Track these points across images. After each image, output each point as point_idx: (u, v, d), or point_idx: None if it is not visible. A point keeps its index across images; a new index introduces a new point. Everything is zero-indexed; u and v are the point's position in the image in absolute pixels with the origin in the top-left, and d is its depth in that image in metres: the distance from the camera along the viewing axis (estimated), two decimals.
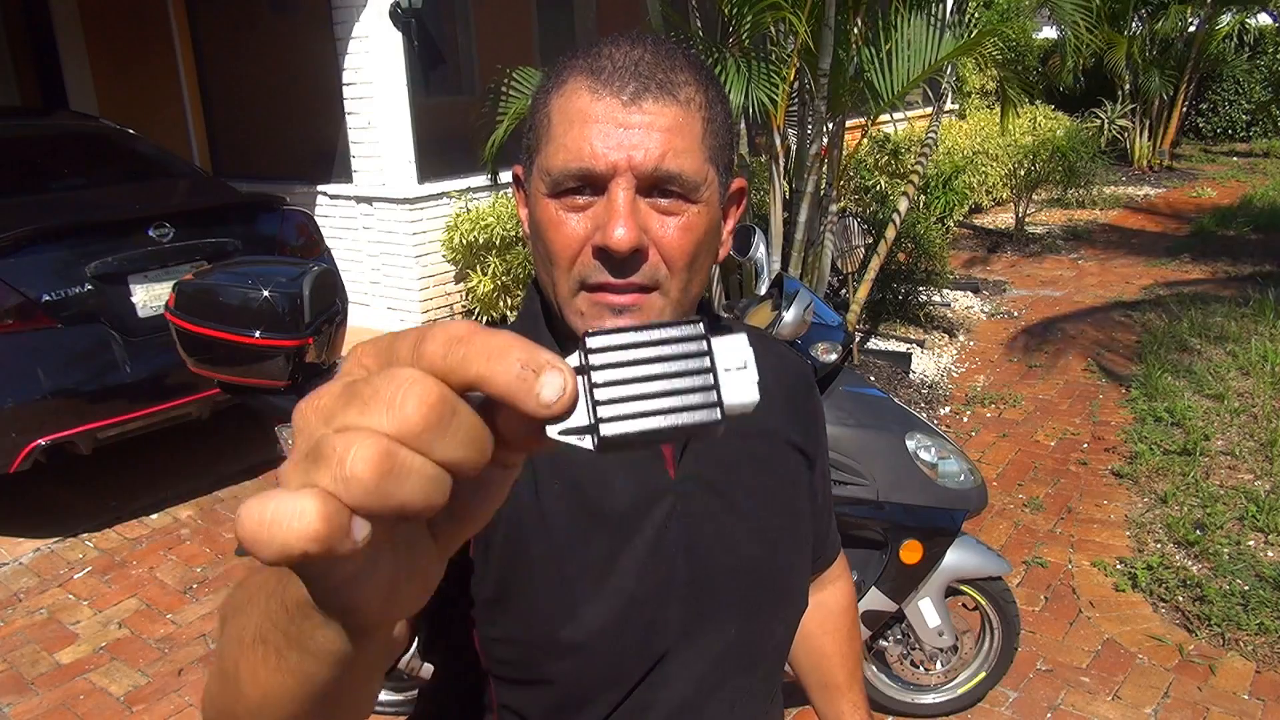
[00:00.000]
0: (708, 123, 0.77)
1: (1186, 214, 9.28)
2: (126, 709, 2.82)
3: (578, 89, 0.75)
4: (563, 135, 0.75)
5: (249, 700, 0.50)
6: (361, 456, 0.31)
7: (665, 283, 0.76)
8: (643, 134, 0.73)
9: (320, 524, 0.31)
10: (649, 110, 0.74)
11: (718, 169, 0.79)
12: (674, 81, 0.75)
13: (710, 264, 0.81)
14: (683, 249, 0.76)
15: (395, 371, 0.33)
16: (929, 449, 2.42)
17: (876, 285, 5.41)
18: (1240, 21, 12.09)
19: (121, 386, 3.74)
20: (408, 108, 5.69)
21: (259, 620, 0.46)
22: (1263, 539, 3.47)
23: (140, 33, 7.05)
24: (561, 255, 0.76)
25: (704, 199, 0.77)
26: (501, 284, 5.68)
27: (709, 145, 0.77)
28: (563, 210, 0.76)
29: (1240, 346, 5.29)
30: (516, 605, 0.80)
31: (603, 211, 0.74)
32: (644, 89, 0.74)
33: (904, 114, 8.47)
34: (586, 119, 0.74)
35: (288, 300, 2.49)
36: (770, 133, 4.63)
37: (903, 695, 2.63)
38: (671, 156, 0.74)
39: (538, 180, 0.77)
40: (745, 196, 0.88)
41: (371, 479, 0.31)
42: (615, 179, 0.74)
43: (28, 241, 3.63)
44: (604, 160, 0.73)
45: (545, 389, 0.33)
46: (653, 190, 0.75)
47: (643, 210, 0.75)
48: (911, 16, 4.31)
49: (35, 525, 3.87)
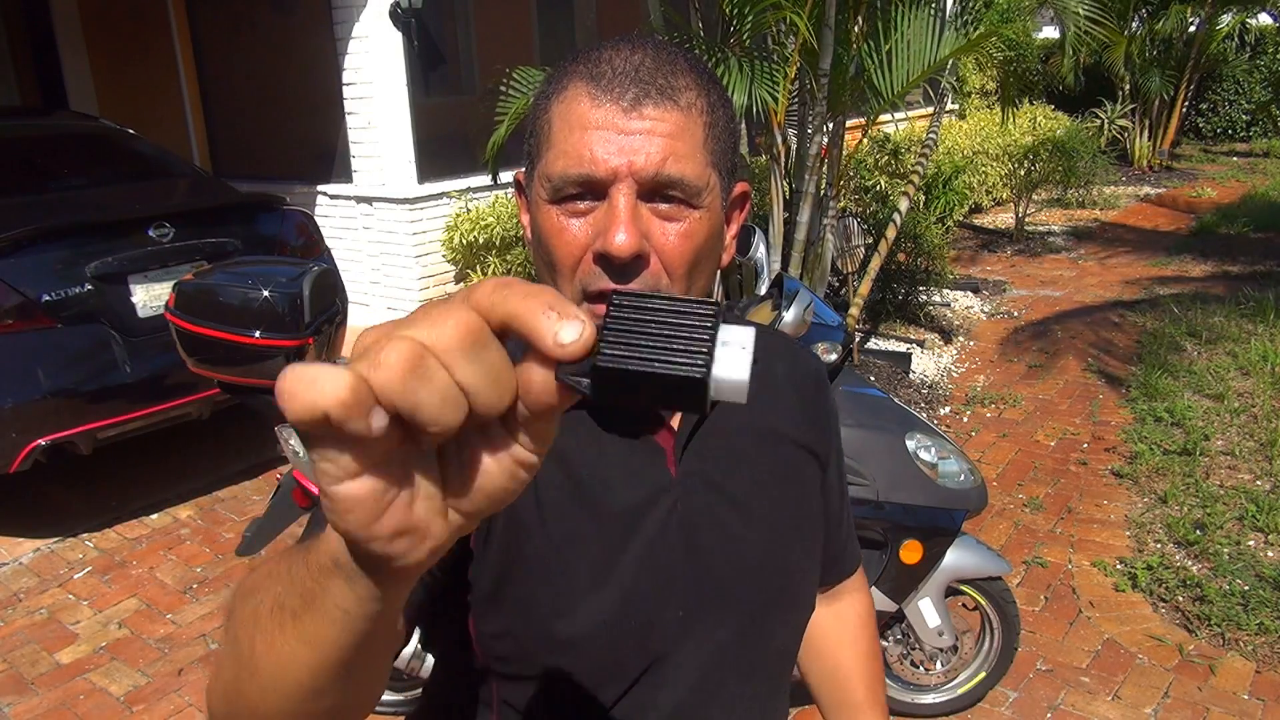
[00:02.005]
0: (709, 127, 0.77)
1: (1186, 214, 9.29)
2: (126, 709, 2.82)
3: (578, 95, 0.75)
4: (563, 141, 0.75)
5: (262, 676, 0.53)
6: (395, 350, 0.36)
7: (666, 289, 0.76)
8: (644, 139, 0.73)
9: (347, 393, 0.35)
10: (650, 115, 0.74)
11: (720, 173, 0.79)
12: (675, 86, 0.75)
13: (713, 269, 0.81)
14: (684, 255, 0.76)
15: (446, 303, 0.38)
16: (929, 449, 2.42)
17: (876, 285, 5.41)
18: (1240, 21, 12.09)
19: (121, 386, 3.74)
20: (408, 108, 5.69)
21: (278, 590, 0.51)
22: (1263, 539, 3.47)
23: (140, 33, 7.05)
24: (564, 262, 0.76)
25: (706, 204, 0.77)
26: None
27: (711, 150, 0.77)
28: (564, 216, 0.76)
29: (1240, 346, 5.29)
30: (513, 599, 0.80)
31: (604, 217, 0.74)
32: (644, 94, 0.74)
33: (904, 114, 8.47)
34: (587, 125, 0.74)
35: (288, 300, 2.49)
36: (771, 133, 4.63)
37: (903, 695, 2.63)
38: (673, 162, 0.74)
39: (539, 186, 0.77)
40: (748, 200, 0.87)
41: (398, 372, 0.35)
42: (616, 184, 0.73)
43: (28, 241, 3.63)
44: (605, 166, 0.73)
45: (564, 331, 0.38)
46: (654, 196, 0.75)
47: (644, 216, 0.75)
48: (912, 15, 4.31)
49: (35, 525, 3.87)
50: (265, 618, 0.51)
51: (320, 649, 0.49)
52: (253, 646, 0.52)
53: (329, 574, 0.45)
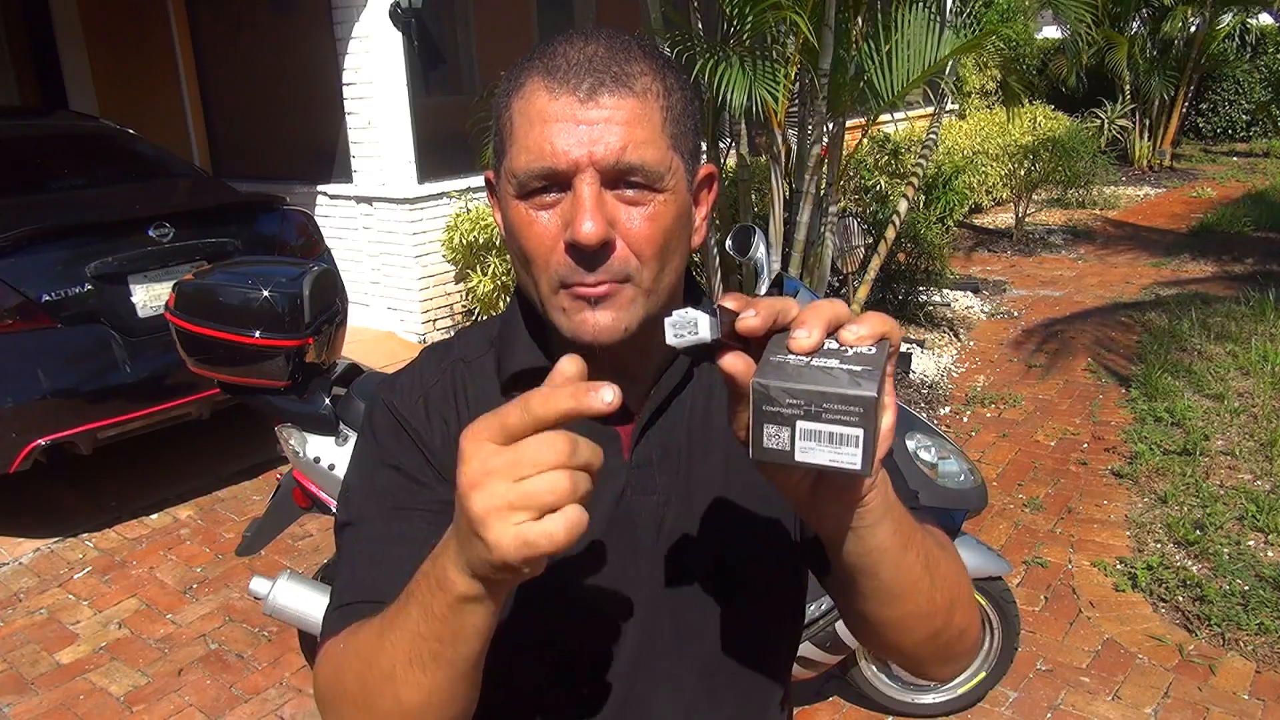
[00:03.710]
0: (667, 110, 0.78)
1: (1186, 214, 9.29)
2: (126, 709, 2.82)
3: (535, 89, 0.76)
4: (524, 137, 0.76)
5: (416, 705, 0.69)
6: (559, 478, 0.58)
7: (636, 274, 0.77)
8: (602, 128, 0.74)
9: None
10: (606, 104, 0.74)
11: (682, 156, 0.79)
12: (629, 73, 0.76)
13: (684, 251, 0.82)
14: (651, 239, 0.77)
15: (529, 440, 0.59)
16: (929, 449, 2.42)
17: (876, 285, 5.41)
18: (1241, 21, 12.09)
19: (121, 386, 3.74)
20: (408, 108, 5.69)
21: (403, 650, 0.68)
22: (1263, 539, 3.47)
23: (140, 33, 7.05)
24: (536, 254, 0.77)
25: (670, 187, 0.77)
26: (501, 284, 5.68)
27: (670, 133, 0.78)
28: (532, 210, 0.77)
29: (1240, 346, 5.29)
30: None
31: (570, 208, 0.75)
32: (600, 83, 0.75)
33: (904, 114, 8.47)
34: (546, 118, 0.75)
35: (288, 300, 2.48)
36: (771, 133, 4.63)
37: (903, 695, 2.63)
38: (633, 148, 0.74)
39: (506, 183, 0.78)
40: (715, 181, 0.87)
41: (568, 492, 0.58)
42: (579, 175, 0.74)
43: (28, 241, 3.63)
44: (565, 158, 0.74)
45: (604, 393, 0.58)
46: (617, 183, 0.76)
47: (609, 203, 0.75)
48: (911, 15, 4.30)
49: (35, 525, 3.87)
50: (403, 671, 0.68)
51: (463, 663, 0.67)
52: (398, 697, 0.69)
53: (459, 611, 0.64)
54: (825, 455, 0.58)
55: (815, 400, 0.57)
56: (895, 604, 0.76)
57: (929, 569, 0.75)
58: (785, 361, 0.60)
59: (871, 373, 0.59)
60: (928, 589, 0.75)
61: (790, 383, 0.58)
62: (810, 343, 0.61)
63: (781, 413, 0.58)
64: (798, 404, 0.58)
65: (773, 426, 0.59)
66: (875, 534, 0.70)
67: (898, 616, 0.77)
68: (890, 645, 0.82)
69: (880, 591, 0.74)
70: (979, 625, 0.85)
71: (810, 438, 0.58)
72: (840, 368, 0.59)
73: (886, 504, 0.69)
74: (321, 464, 2.36)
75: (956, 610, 0.80)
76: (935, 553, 0.77)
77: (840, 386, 0.57)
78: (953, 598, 0.79)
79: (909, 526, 0.73)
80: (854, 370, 0.59)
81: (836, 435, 0.58)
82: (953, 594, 0.79)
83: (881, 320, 0.64)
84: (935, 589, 0.76)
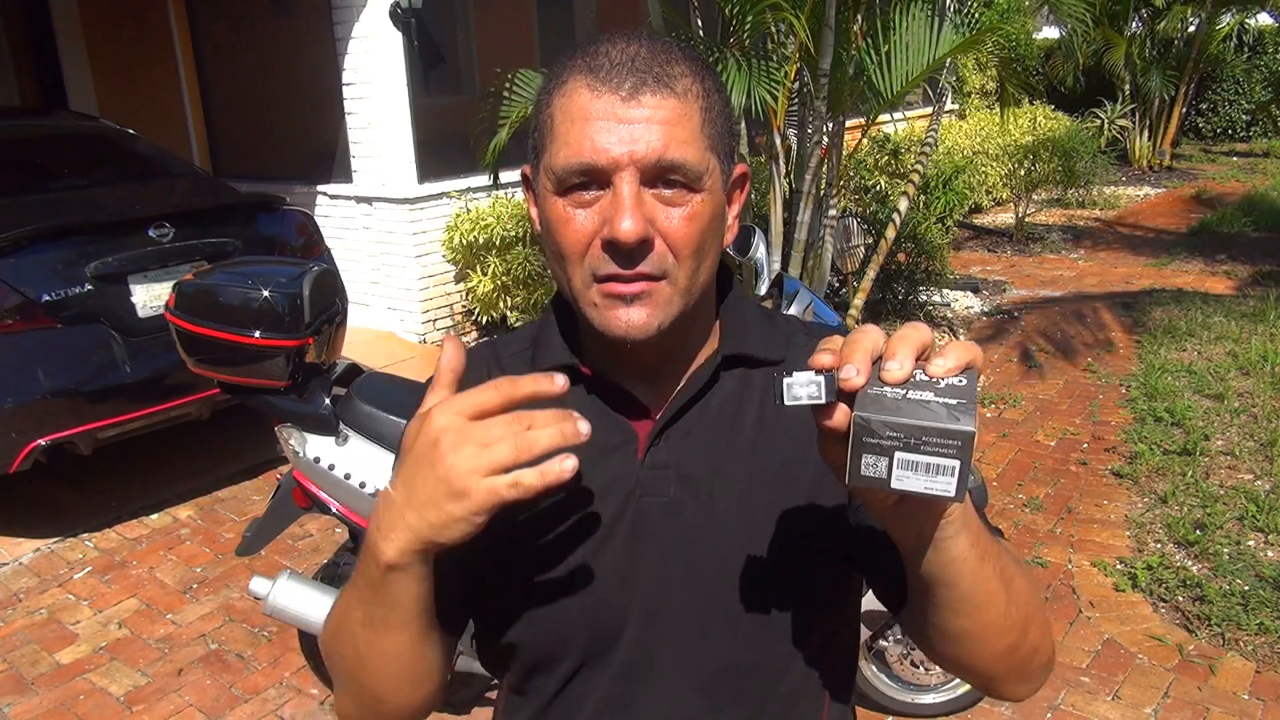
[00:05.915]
0: (706, 112, 0.79)
1: (1186, 214, 9.29)
2: (126, 709, 2.82)
3: (577, 87, 0.77)
4: (565, 134, 0.77)
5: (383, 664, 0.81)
6: None
7: (673, 272, 0.78)
8: (643, 128, 0.75)
9: None
10: (647, 104, 0.75)
11: (719, 156, 0.80)
12: (670, 74, 0.77)
13: (717, 250, 0.83)
14: (689, 238, 0.77)
15: None
16: None
17: (876, 285, 5.41)
18: (1240, 21, 12.09)
19: (121, 386, 3.74)
20: (408, 108, 5.69)
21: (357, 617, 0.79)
22: (1263, 539, 3.47)
23: (140, 33, 7.05)
24: (572, 250, 0.78)
25: (707, 187, 0.78)
26: (501, 284, 5.68)
27: (708, 134, 0.79)
28: (570, 206, 0.78)
29: (1240, 346, 5.29)
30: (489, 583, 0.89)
31: (609, 205, 0.76)
32: (641, 83, 0.76)
33: (904, 114, 8.47)
34: (587, 116, 0.76)
35: (288, 300, 2.48)
36: (770, 133, 4.63)
37: (903, 695, 2.63)
38: (673, 147, 0.75)
39: (544, 179, 0.79)
40: (748, 181, 0.89)
41: None
42: (619, 173, 0.75)
43: (28, 241, 3.63)
44: (606, 155, 0.75)
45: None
46: (656, 181, 0.77)
47: (648, 202, 0.76)
48: (911, 15, 4.30)
49: (35, 525, 3.87)
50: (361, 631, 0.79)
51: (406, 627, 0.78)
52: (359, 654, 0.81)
53: (389, 579, 0.74)
54: (921, 483, 0.61)
55: (915, 434, 0.60)
56: (973, 615, 0.76)
57: (1005, 583, 0.76)
58: (882, 394, 0.62)
59: (966, 406, 0.61)
60: (1004, 602, 0.76)
61: (890, 416, 0.60)
62: (903, 374, 0.63)
63: (881, 444, 0.60)
64: (897, 436, 0.60)
65: (871, 456, 0.61)
66: (955, 544, 0.71)
67: (977, 628, 0.77)
68: (967, 659, 0.81)
69: (959, 602, 0.75)
70: (1052, 646, 0.86)
71: (908, 467, 0.60)
72: (936, 401, 0.61)
73: (965, 515, 0.71)
74: (321, 464, 2.36)
75: (1032, 626, 0.80)
76: (1011, 568, 0.78)
77: (940, 421, 0.60)
78: (1028, 613, 0.79)
79: (986, 539, 0.75)
80: (949, 404, 0.61)
81: (934, 465, 0.60)
82: (1028, 609, 0.79)
83: (965, 349, 0.65)
84: (1011, 603, 0.77)
